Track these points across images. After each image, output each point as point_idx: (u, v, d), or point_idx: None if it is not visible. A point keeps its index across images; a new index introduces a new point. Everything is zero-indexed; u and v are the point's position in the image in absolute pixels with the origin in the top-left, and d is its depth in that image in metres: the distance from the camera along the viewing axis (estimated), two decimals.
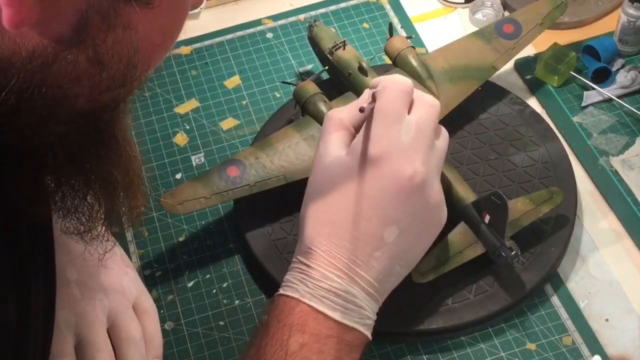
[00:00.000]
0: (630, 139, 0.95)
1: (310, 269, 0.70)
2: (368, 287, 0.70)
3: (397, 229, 0.70)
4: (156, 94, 1.05)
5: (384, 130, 0.71)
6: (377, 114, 0.72)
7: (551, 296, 0.84)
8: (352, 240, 0.70)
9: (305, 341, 0.67)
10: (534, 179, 0.91)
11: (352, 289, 0.70)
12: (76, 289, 0.78)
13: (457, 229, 0.82)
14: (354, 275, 0.70)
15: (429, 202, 0.72)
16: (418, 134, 0.71)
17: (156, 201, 0.92)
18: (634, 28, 1.01)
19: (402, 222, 0.71)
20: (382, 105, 0.72)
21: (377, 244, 0.70)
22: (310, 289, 0.69)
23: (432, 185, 0.72)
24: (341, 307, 0.69)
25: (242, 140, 1.00)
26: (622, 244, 0.88)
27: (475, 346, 0.81)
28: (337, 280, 0.69)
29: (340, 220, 0.71)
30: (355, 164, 0.71)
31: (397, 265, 0.72)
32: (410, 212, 0.71)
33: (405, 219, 0.71)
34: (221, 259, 0.90)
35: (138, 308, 0.81)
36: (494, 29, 0.97)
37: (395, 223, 0.70)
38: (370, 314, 0.71)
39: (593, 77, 1.00)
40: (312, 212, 0.72)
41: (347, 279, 0.70)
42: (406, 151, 0.71)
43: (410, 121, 0.72)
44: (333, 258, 0.70)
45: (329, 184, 0.72)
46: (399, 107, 0.72)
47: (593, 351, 0.80)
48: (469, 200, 0.82)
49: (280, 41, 1.10)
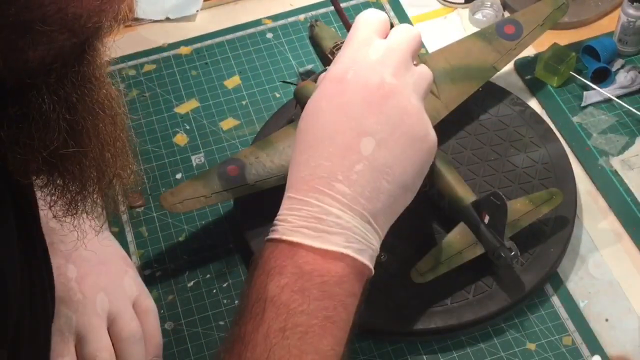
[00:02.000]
0: (630, 139, 0.96)
1: (291, 199, 0.65)
2: (354, 205, 0.64)
3: (373, 140, 0.66)
4: (156, 94, 1.05)
5: (351, 50, 0.69)
6: (346, 41, 0.70)
7: (551, 296, 0.85)
8: (328, 157, 0.65)
9: (285, 282, 0.62)
10: (534, 180, 0.91)
11: (334, 209, 0.64)
12: (76, 287, 0.78)
13: (457, 229, 0.82)
14: (335, 193, 0.64)
15: (407, 113, 0.67)
16: (388, 52, 0.68)
17: (156, 201, 0.93)
18: (634, 28, 1.01)
19: (380, 133, 0.66)
20: (352, 31, 0.71)
21: (355, 156, 0.65)
22: (290, 223, 0.64)
23: (409, 99, 0.67)
24: (324, 232, 0.63)
25: (242, 140, 1.00)
26: (622, 244, 0.88)
27: (475, 346, 0.82)
28: (316, 203, 0.64)
29: (316, 142, 0.66)
30: (325, 86, 0.68)
31: (384, 180, 0.65)
32: (385, 123, 0.66)
33: (382, 129, 0.66)
34: (221, 259, 0.90)
35: (138, 307, 0.81)
36: (494, 29, 0.97)
37: (371, 134, 0.66)
38: (362, 237, 0.64)
39: (593, 77, 1.00)
40: (294, 150, 0.68)
41: (328, 199, 0.64)
42: (373, 65, 0.68)
43: (380, 43, 0.69)
44: (311, 180, 0.65)
45: (309, 113, 0.69)
46: (368, 32, 0.70)
47: (593, 351, 0.81)
48: (468, 200, 0.82)
49: (280, 41, 1.10)
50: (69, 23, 0.53)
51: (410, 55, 0.70)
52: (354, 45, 0.69)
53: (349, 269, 0.63)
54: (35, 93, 0.55)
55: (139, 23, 1.13)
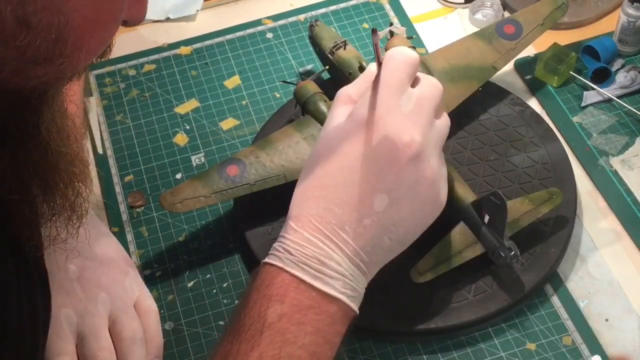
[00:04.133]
0: (630, 139, 0.96)
1: (296, 232, 0.68)
2: (354, 256, 0.68)
3: (387, 198, 0.68)
4: (156, 94, 1.05)
5: (384, 97, 0.69)
6: (380, 82, 0.70)
7: (551, 296, 0.84)
8: (340, 205, 0.68)
9: (285, 311, 0.65)
10: (534, 180, 0.91)
11: (336, 255, 0.67)
12: (78, 287, 0.78)
13: (457, 229, 0.82)
14: (339, 242, 0.67)
15: (425, 176, 0.69)
16: (418, 107, 0.70)
17: (156, 201, 0.93)
18: (634, 28, 1.01)
19: (394, 192, 0.68)
20: (385, 72, 0.70)
21: (366, 211, 0.68)
22: (293, 256, 0.67)
23: (429, 160, 0.69)
24: (324, 275, 0.67)
25: (242, 140, 1.00)
26: (622, 244, 0.88)
27: (475, 346, 0.82)
28: (321, 245, 0.67)
29: (331, 184, 0.68)
30: (352, 128, 0.69)
31: (387, 237, 0.69)
32: (403, 183, 0.68)
33: (398, 189, 0.68)
34: (221, 259, 0.90)
35: (139, 307, 0.81)
36: (494, 29, 0.97)
37: (386, 191, 0.68)
38: (355, 284, 0.68)
39: (593, 77, 1.00)
40: (305, 177, 0.70)
41: (332, 245, 0.67)
42: (404, 120, 0.69)
43: (412, 93, 0.70)
44: (320, 222, 0.68)
45: (325, 149, 0.70)
46: (402, 77, 0.70)
47: (593, 351, 0.80)
48: (468, 200, 0.82)
49: (280, 41, 1.10)
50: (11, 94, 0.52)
51: (435, 110, 0.71)
52: (389, 91, 0.69)
53: (340, 313, 0.67)
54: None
55: None
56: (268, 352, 0.64)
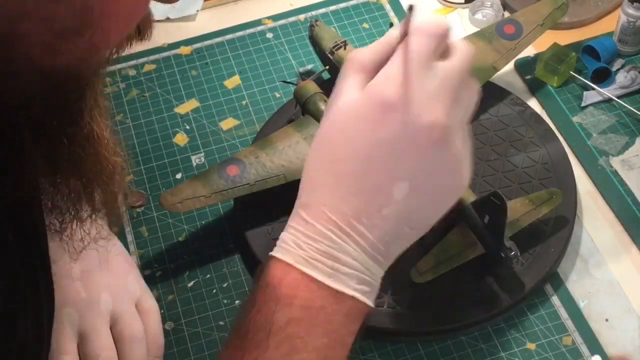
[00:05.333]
0: (630, 139, 0.96)
1: (307, 224, 0.62)
2: (371, 249, 0.62)
3: (408, 186, 0.61)
4: (156, 94, 1.05)
5: (409, 74, 0.61)
6: (402, 54, 0.62)
7: (551, 296, 0.85)
8: (356, 194, 0.61)
9: (293, 315, 0.60)
10: (534, 180, 0.91)
11: (352, 249, 0.61)
12: (80, 287, 0.78)
13: (457, 229, 0.82)
14: (356, 235, 0.61)
15: (448, 160, 0.62)
16: (445, 84, 0.62)
17: (156, 201, 0.93)
18: (634, 28, 1.01)
19: (415, 179, 0.61)
20: (412, 45, 0.61)
21: (384, 200, 0.61)
22: (304, 251, 0.61)
23: (453, 143, 0.62)
24: (338, 271, 0.61)
25: (242, 140, 1.00)
26: (622, 244, 0.88)
27: (475, 346, 0.82)
28: (335, 239, 0.61)
29: (346, 170, 0.61)
30: (369, 107, 0.61)
31: (406, 227, 0.62)
32: (424, 169, 0.61)
33: (419, 175, 0.61)
34: (221, 259, 0.90)
35: (141, 307, 0.81)
36: (494, 29, 0.97)
37: (407, 179, 0.61)
38: (371, 279, 0.63)
39: (593, 77, 1.00)
40: (316, 161, 0.63)
41: (348, 239, 0.61)
42: (428, 99, 0.61)
43: (437, 67, 0.62)
44: (334, 213, 0.61)
45: (338, 129, 0.62)
46: (428, 50, 0.61)
47: (593, 351, 0.81)
48: (468, 200, 0.82)
49: (280, 41, 1.10)
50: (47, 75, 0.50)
51: (463, 84, 0.64)
52: (412, 65, 0.61)
53: (355, 310, 0.62)
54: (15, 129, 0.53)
55: None
56: None
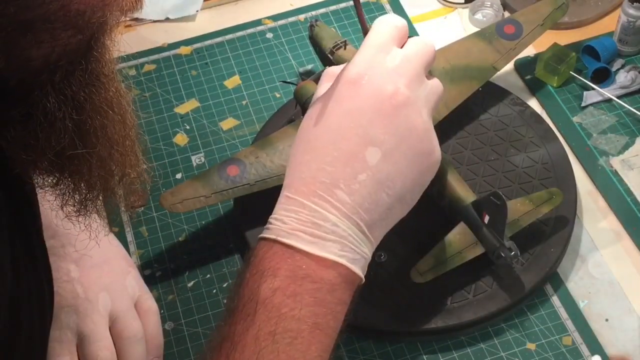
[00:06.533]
0: (630, 139, 0.96)
1: (289, 199, 0.65)
2: (351, 214, 0.64)
3: (379, 151, 0.65)
4: (156, 94, 1.05)
5: (367, 56, 0.68)
6: (363, 44, 0.69)
7: (551, 296, 0.85)
8: (332, 162, 0.65)
9: (279, 285, 0.62)
10: (534, 180, 0.91)
11: (331, 216, 0.64)
12: (79, 286, 0.78)
13: (457, 229, 0.82)
14: (335, 201, 0.64)
15: (415, 126, 0.66)
16: (404, 62, 0.68)
17: (156, 201, 0.92)
18: (634, 28, 1.01)
19: (385, 144, 0.65)
20: (369, 35, 0.69)
21: (359, 165, 0.65)
22: (286, 224, 0.64)
23: (420, 113, 0.67)
24: (320, 238, 0.63)
25: (242, 140, 1.00)
26: (622, 244, 0.88)
27: (475, 346, 0.82)
28: (315, 208, 0.64)
29: (320, 144, 0.66)
30: (337, 87, 0.67)
31: (384, 193, 0.65)
32: (393, 134, 0.66)
33: (389, 140, 0.66)
34: (221, 259, 0.90)
35: (140, 307, 0.81)
36: (494, 29, 0.97)
37: (377, 144, 0.65)
38: (356, 246, 0.65)
39: (593, 77, 1.00)
40: (296, 146, 0.68)
41: (327, 205, 0.64)
42: (388, 73, 0.67)
43: (397, 51, 0.68)
44: (312, 183, 0.65)
45: (311, 115, 0.68)
46: (387, 39, 0.68)
47: (593, 351, 0.81)
48: (468, 200, 0.82)
49: (280, 41, 1.10)
50: (73, 20, 0.52)
51: (425, 68, 0.69)
52: (371, 50, 0.68)
53: (341, 278, 0.64)
54: (40, 92, 0.54)
55: (139, 23, 1.13)
56: (264, 330, 0.61)
